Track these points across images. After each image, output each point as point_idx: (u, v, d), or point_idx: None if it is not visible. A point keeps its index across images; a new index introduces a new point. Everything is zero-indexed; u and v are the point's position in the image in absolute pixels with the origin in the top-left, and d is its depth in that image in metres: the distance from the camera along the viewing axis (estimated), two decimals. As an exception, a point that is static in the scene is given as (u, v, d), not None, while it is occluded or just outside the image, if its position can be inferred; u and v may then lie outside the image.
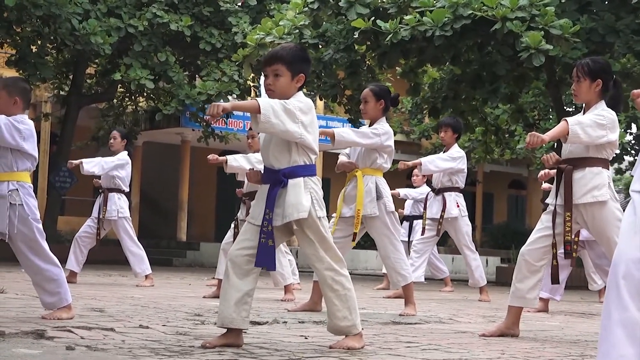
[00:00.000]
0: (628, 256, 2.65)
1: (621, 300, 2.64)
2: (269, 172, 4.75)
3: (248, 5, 19.98)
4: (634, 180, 2.82)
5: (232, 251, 4.71)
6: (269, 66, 4.75)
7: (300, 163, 4.70)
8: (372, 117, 7.35)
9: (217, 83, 19.35)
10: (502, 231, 30.30)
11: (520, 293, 5.95)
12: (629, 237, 2.70)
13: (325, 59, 15.91)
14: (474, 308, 9.13)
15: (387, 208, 7.26)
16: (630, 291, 2.62)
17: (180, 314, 6.63)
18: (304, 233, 4.70)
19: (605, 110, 5.83)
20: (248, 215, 4.86)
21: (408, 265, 7.50)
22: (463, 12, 13.28)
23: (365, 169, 7.30)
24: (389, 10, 14.27)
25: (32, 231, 5.64)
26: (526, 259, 5.93)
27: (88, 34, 17.77)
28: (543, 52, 12.80)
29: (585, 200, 5.80)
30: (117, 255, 19.48)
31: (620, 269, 2.65)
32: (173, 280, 13.18)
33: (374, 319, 6.89)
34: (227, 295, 4.64)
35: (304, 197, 4.63)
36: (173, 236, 25.42)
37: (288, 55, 4.74)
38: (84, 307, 6.89)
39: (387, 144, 7.24)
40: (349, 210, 7.27)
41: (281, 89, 4.73)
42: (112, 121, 22.31)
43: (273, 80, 4.73)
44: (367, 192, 7.20)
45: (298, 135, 4.60)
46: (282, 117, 4.53)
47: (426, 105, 19.41)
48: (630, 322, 2.62)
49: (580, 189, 5.82)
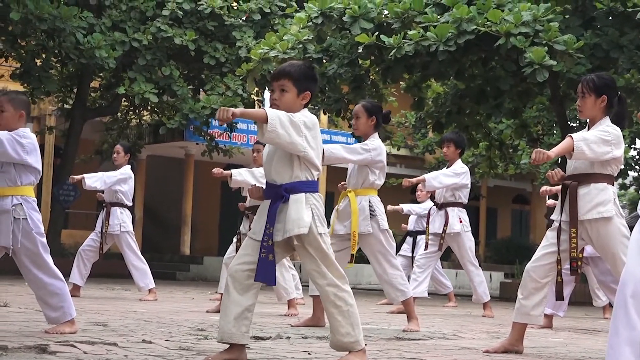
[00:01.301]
0: (636, 276, 2.65)
1: (629, 319, 2.63)
2: (270, 187, 4.75)
3: (252, 19, 20.01)
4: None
5: (233, 266, 4.71)
6: (276, 81, 4.77)
7: (302, 179, 4.70)
8: (363, 133, 7.33)
9: (221, 97, 19.37)
10: (506, 246, 30.25)
11: (525, 310, 5.93)
12: (638, 256, 2.68)
13: (329, 74, 15.92)
14: (478, 324, 9.11)
15: (381, 226, 7.25)
16: (639, 310, 2.62)
17: (184, 329, 6.62)
18: (305, 249, 4.69)
19: (610, 126, 5.83)
20: (250, 231, 4.85)
21: (405, 280, 7.47)
22: (467, 27, 13.30)
23: (357, 190, 7.29)
24: (393, 25, 14.28)
25: (35, 245, 5.65)
26: (531, 276, 5.92)
27: (92, 47, 17.81)
28: (547, 67, 12.81)
29: (590, 216, 5.79)
30: (121, 269, 19.47)
31: (629, 288, 2.64)
32: (176, 295, 13.16)
33: (377, 335, 6.87)
34: (227, 310, 4.64)
35: (305, 212, 4.63)
36: (176, 250, 25.42)
37: (295, 72, 4.76)
38: (87, 321, 6.88)
39: (378, 159, 7.20)
40: (342, 228, 7.26)
41: (286, 104, 4.73)
42: (116, 135, 22.33)
43: (279, 96, 4.75)
44: (361, 210, 7.20)
45: (302, 148, 4.61)
46: (288, 128, 4.54)
47: (430, 119, 19.42)
48: (638, 341, 2.61)
49: (585, 205, 5.80)
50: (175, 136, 22.83)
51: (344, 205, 7.31)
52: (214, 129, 21.26)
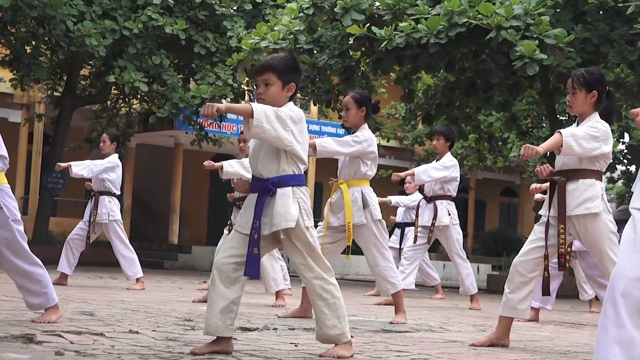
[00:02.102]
0: (628, 275, 2.65)
1: (619, 317, 2.63)
2: (257, 181, 4.75)
3: (243, 9, 19.98)
4: (634, 197, 2.82)
5: (219, 259, 4.70)
6: (260, 75, 4.75)
7: (289, 172, 4.69)
8: (353, 124, 7.31)
9: (211, 87, 19.35)
10: (494, 239, 30.31)
11: (512, 304, 5.95)
12: (629, 255, 2.68)
13: (320, 65, 15.91)
14: (465, 316, 9.13)
15: (374, 216, 7.25)
16: (629, 309, 2.62)
17: (171, 319, 6.62)
18: (292, 243, 4.70)
19: (599, 122, 5.84)
20: (236, 224, 4.84)
21: (397, 272, 7.49)
22: (458, 20, 13.30)
23: (349, 181, 7.29)
24: (384, 17, 14.28)
25: (13, 234, 5.52)
26: (518, 270, 5.93)
27: (83, 35, 17.76)
28: (537, 61, 12.82)
29: (578, 212, 5.81)
30: (108, 258, 19.44)
31: (619, 286, 2.65)
32: (164, 284, 13.16)
33: (364, 327, 6.88)
34: (214, 304, 4.64)
35: (292, 206, 4.62)
36: (165, 239, 25.40)
37: (279, 65, 4.74)
38: (74, 310, 6.87)
39: (369, 151, 7.19)
40: (336, 220, 7.27)
41: (272, 98, 4.72)
42: (106, 123, 22.28)
43: (264, 90, 4.73)
44: (354, 202, 7.20)
45: (288, 142, 4.60)
46: (274, 123, 4.53)
47: (420, 111, 19.44)
48: (627, 340, 2.62)
49: (573, 200, 5.82)
50: (165, 125, 22.80)
51: (336, 197, 7.31)
52: (204, 118, 21.19)
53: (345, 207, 7.17)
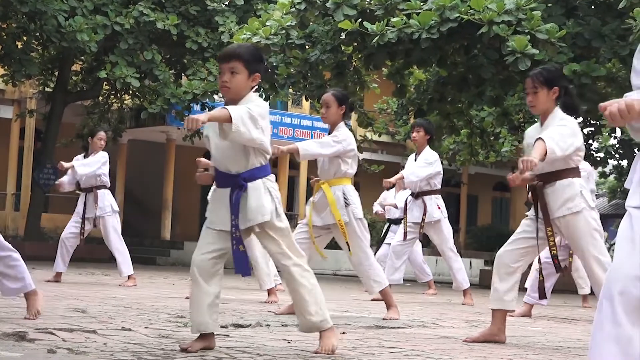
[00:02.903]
0: (626, 273, 2.63)
1: (615, 315, 2.61)
2: (225, 177, 4.70)
3: (235, 4, 19.95)
4: (630, 194, 2.80)
5: (197, 257, 4.69)
6: (226, 63, 4.65)
7: (257, 165, 4.68)
8: (332, 122, 7.25)
9: (203, 82, 19.33)
10: (486, 233, 30.35)
11: (498, 295, 5.96)
12: (627, 253, 2.67)
13: (312, 60, 15.89)
14: (457, 312, 9.14)
15: (356, 215, 7.22)
16: (626, 307, 2.60)
17: (163, 316, 6.61)
18: (266, 233, 4.69)
19: (565, 118, 5.86)
20: (206, 221, 4.80)
21: (381, 270, 7.51)
22: (450, 15, 13.30)
23: (330, 180, 7.27)
24: (376, 12, 14.27)
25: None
26: (503, 261, 5.96)
27: (74, 31, 17.72)
28: (529, 56, 12.84)
29: (560, 213, 5.85)
30: (101, 254, 19.44)
31: (617, 285, 2.63)
32: (156, 280, 13.14)
33: (357, 323, 6.88)
34: (200, 301, 4.63)
35: (264, 199, 4.63)
36: (157, 235, 25.38)
37: (245, 54, 4.67)
38: (66, 307, 6.85)
39: (349, 149, 7.16)
40: (319, 220, 7.28)
41: (237, 86, 4.66)
42: (97, 119, 22.23)
43: (230, 78, 4.64)
44: (336, 200, 7.20)
45: (259, 141, 4.58)
46: (249, 125, 4.47)
47: (412, 106, 19.43)
48: (624, 338, 2.61)
49: (554, 203, 5.87)
50: (157, 121, 22.78)
51: (318, 197, 7.31)
52: (196, 113, 21.17)
53: (330, 206, 7.17)
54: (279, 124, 25.18)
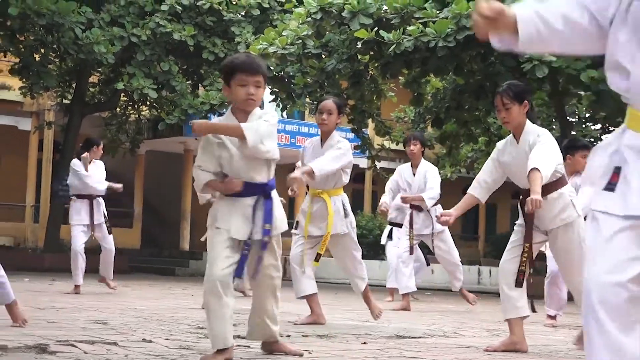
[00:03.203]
0: (601, 282, 2.57)
1: (601, 325, 2.56)
2: (253, 186, 4.75)
3: (251, 15, 19.98)
4: (593, 196, 2.72)
5: (218, 272, 4.61)
6: (253, 76, 4.73)
7: (272, 175, 4.85)
8: (330, 129, 7.39)
9: (219, 93, 19.35)
10: (505, 241, 29.78)
11: (512, 303, 6.05)
12: (597, 260, 2.60)
13: (329, 69, 15.90)
14: (478, 321, 9.10)
15: (353, 224, 7.54)
16: (610, 314, 2.55)
17: (183, 327, 6.61)
18: (271, 244, 4.79)
19: (542, 133, 6.02)
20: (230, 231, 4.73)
21: (364, 267, 7.75)
22: (466, 22, 13.29)
23: (330, 191, 7.40)
24: (392, 21, 14.27)
25: None
26: (506, 270, 6.08)
27: (91, 43, 17.79)
28: (546, 63, 12.82)
29: (554, 225, 6.03)
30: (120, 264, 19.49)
31: (594, 295, 2.57)
32: (175, 291, 13.15)
33: (378, 333, 6.86)
34: (224, 315, 4.59)
35: (281, 209, 4.84)
36: (176, 245, 25.40)
37: (265, 71, 4.85)
38: (86, 319, 6.86)
39: (351, 159, 7.34)
40: (317, 230, 7.44)
41: (260, 100, 4.82)
42: (115, 130, 22.30)
43: (255, 91, 4.74)
44: (336, 212, 7.38)
45: (275, 154, 4.75)
46: (267, 140, 4.65)
47: (429, 115, 19.40)
48: (615, 346, 2.56)
49: (547, 216, 6.01)
50: (174, 131, 22.80)
51: (317, 207, 7.37)
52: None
53: (328, 217, 7.25)
54: (296, 134, 25.19)
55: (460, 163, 23.72)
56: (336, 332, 6.69)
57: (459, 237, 32.80)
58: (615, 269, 2.55)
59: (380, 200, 11.15)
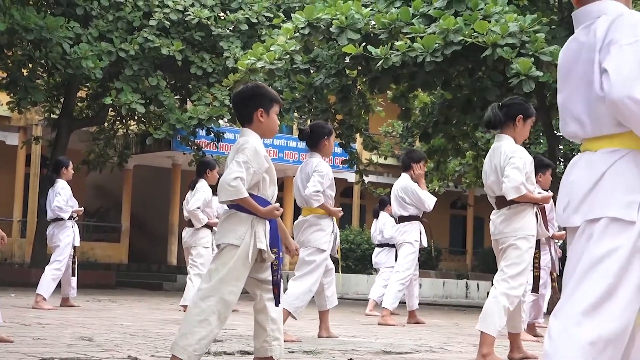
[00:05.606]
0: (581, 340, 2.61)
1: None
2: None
3: (239, 30, 20.00)
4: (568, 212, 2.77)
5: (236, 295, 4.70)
6: (279, 106, 4.87)
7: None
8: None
9: (208, 107, 19.35)
10: (493, 255, 30.03)
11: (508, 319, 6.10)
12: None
13: (317, 84, 15.93)
14: (465, 336, 9.09)
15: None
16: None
17: (169, 343, 6.57)
18: (264, 264, 4.75)
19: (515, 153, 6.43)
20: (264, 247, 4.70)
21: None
22: (453, 38, 13.33)
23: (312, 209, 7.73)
24: (380, 36, 14.30)
25: None
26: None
27: (79, 58, 17.78)
28: (533, 78, 12.85)
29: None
30: (108, 279, 19.48)
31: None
32: (163, 306, 13.11)
33: (364, 349, 6.85)
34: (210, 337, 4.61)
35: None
36: (163, 260, 25.33)
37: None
38: (72, 335, 6.84)
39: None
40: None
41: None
42: (103, 144, 22.27)
43: (275, 119, 4.86)
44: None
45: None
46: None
47: (417, 129, 19.46)
48: None
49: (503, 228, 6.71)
50: (162, 146, 22.78)
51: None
52: (201, 138, 21.25)
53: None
54: (285, 148, 25.21)
55: (448, 177, 23.75)
56: (322, 347, 6.68)
57: (447, 251, 32.89)
58: None
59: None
